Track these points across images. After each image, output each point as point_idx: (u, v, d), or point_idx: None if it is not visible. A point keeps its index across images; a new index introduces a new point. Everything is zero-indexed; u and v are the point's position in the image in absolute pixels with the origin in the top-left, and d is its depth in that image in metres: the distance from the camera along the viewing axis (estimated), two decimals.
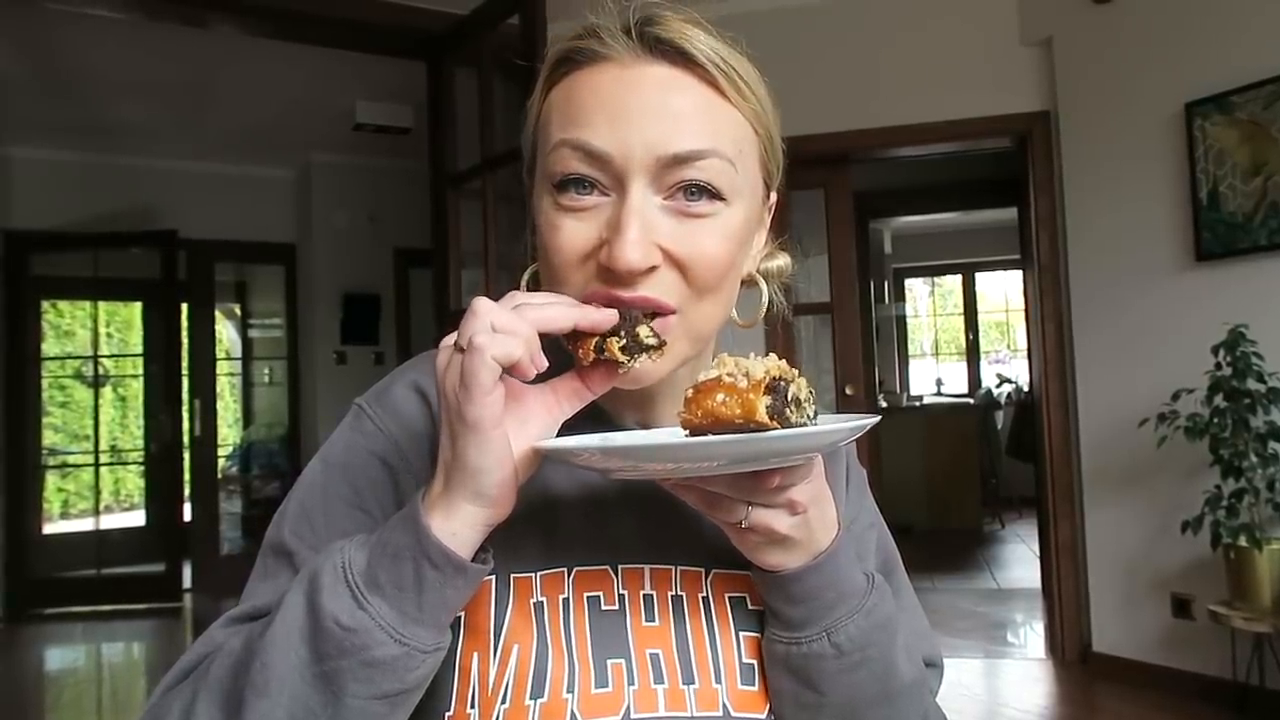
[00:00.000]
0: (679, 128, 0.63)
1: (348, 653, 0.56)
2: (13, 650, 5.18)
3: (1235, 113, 3.30)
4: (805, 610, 0.66)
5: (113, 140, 5.77)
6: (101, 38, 4.36)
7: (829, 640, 0.66)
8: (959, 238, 9.04)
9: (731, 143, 0.65)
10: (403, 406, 0.72)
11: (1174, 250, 3.51)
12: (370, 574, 0.57)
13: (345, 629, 0.56)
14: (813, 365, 4.85)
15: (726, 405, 0.55)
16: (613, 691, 0.66)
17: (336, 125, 5.55)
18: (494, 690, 0.65)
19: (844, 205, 4.42)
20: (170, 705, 0.62)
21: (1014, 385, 8.00)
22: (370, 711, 0.58)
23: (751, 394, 0.54)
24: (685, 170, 0.63)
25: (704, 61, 0.65)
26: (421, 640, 0.58)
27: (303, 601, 0.58)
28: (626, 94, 0.64)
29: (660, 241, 0.63)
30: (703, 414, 0.55)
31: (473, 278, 3.74)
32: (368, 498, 0.70)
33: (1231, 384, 3.07)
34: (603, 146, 0.62)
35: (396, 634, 0.57)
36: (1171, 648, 3.53)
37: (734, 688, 0.69)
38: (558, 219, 0.64)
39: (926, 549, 6.33)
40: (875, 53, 4.13)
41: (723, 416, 0.55)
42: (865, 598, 0.67)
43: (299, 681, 0.57)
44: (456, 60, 3.77)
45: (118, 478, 7.54)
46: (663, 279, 0.64)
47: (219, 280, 6.72)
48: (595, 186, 0.64)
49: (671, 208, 0.64)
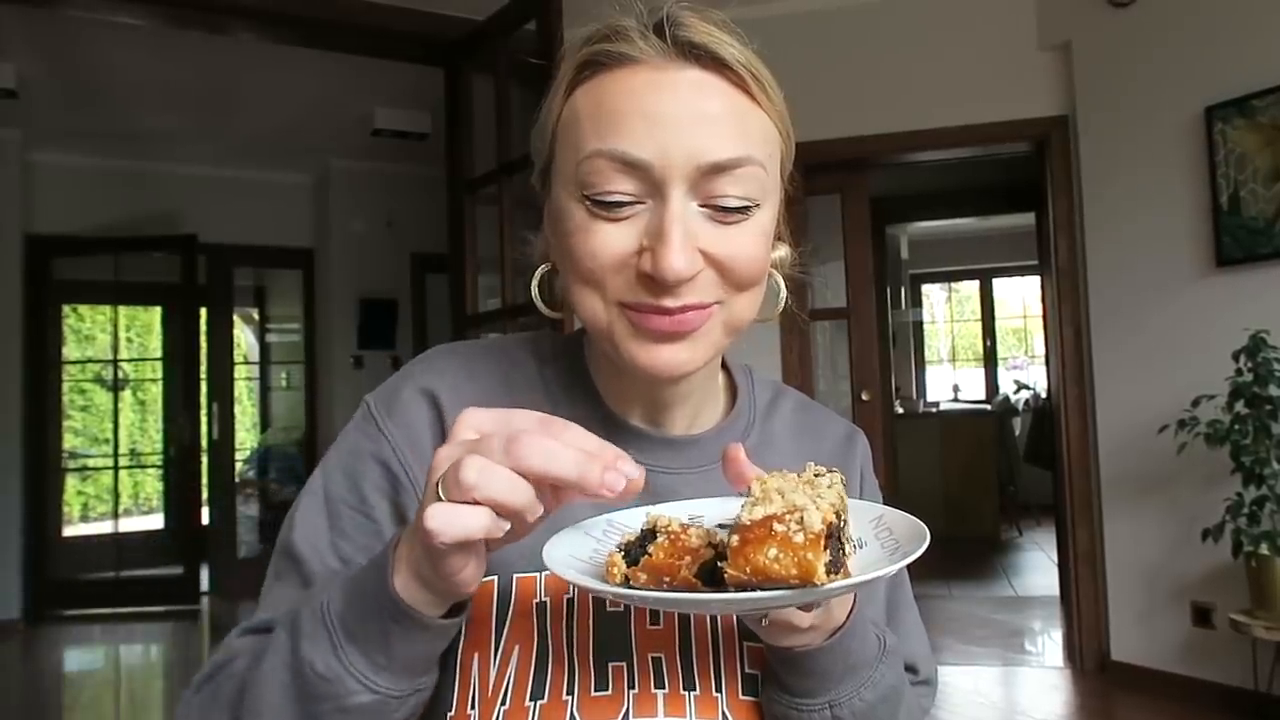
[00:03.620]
0: (715, 134, 0.63)
1: (325, 699, 0.57)
2: (32, 651, 5.22)
3: (1256, 116, 3.27)
4: (812, 683, 0.64)
5: (134, 146, 5.82)
6: (124, 45, 4.40)
7: (830, 713, 0.64)
8: (976, 243, 8.99)
9: (762, 145, 0.66)
10: (410, 411, 0.72)
11: (1194, 256, 3.48)
12: (346, 620, 0.57)
13: (321, 677, 0.56)
14: (829, 371, 4.85)
15: (780, 564, 0.48)
16: (612, 695, 0.66)
17: (355, 131, 5.58)
18: (494, 691, 0.65)
19: (861, 210, 4.41)
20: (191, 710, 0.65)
21: (1032, 392, 7.96)
22: None
23: (809, 552, 0.48)
24: (723, 180, 0.63)
25: (735, 65, 0.65)
26: (395, 687, 0.57)
27: (286, 643, 0.59)
28: (662, 98, 0.63)
29: (700, 246, 0.63)
30: (752, 570, 0.48)
31: (489, 282, 3.75)
32: (371, 502, 0.71)
33: (1253, 390, 3.04)
34: (643, 156, 0.62)
35: (370, 682, 0.56)
36: (1191, 657, 3.49)
37: (734, 697, 0.68)
38: (593, 225, 0.64)
39: (943, 556, 6.29)
40: (893, 57, 4.12)
41: (775, 575, 0.48)
42: (874, 669, 0.66)
43: (288, 717, 0.58)
44: (474, 66, 3.79)
45: (137, 481, 7.59)
46: (703, 280, 0.64)
47: (238, 285, 6.78)
48: (632, 198, 0.63)
49: (708, 214, 0.64)
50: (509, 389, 0.74)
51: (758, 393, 0.82)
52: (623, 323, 0.65)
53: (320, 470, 0.74)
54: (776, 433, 0.80)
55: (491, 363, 0.76)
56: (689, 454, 0.74)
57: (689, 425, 0.76)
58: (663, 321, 0.64)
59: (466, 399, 0.70)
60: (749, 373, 0.83)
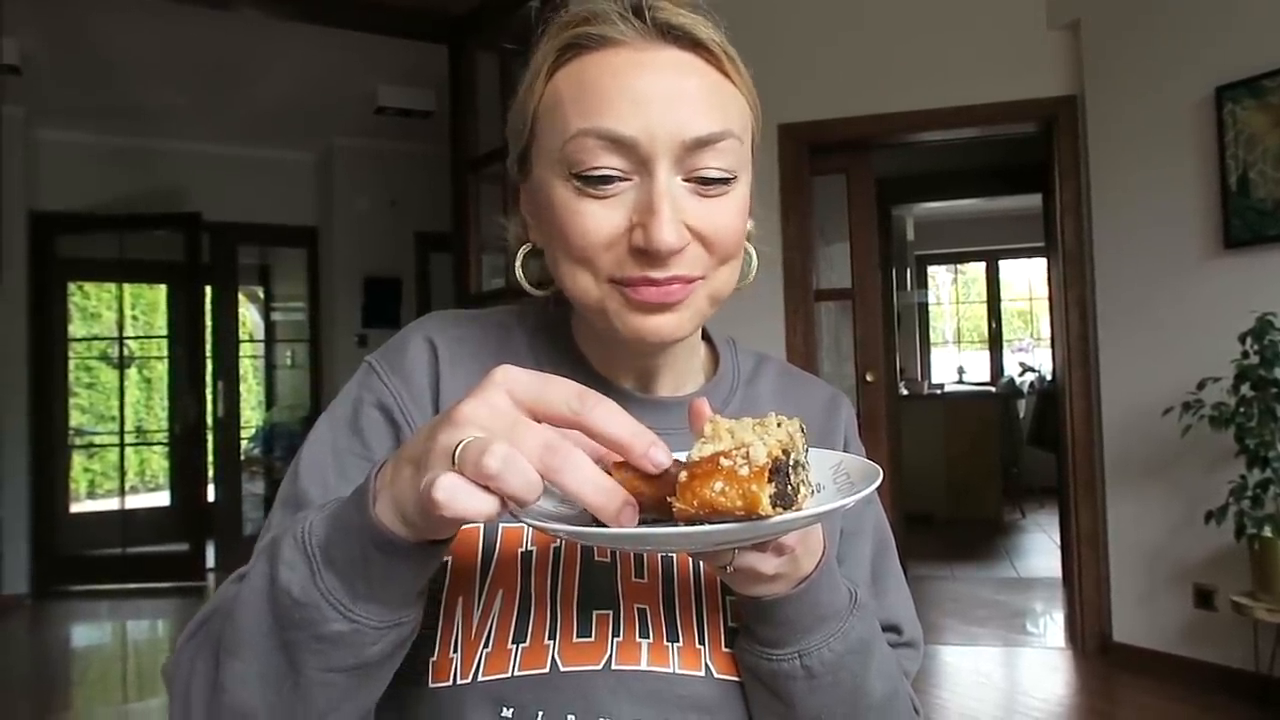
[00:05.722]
0: (697, 110, 0.66)
1: (300, 626, 0.55)
2: (39, 626, 5.27)
3: (1267, 97, 3.24)
4: (780, 632, 0.65)
5: (138, 123, 5.81)
6: (127, 21, 4.39)
7: (800, 662, 0.65)
8: (982, 225, 8.95)
9: (739, 120, 0.69)
10: (410, 358, 0.75)
11: (1202, 237, 3.46)
12: (327, 547, 0.56)
13: (296, 603, 0.55)
14: (834, 352, 4.84)
15: (726, 496, 0.49)
16: (595, 641, 0.67)
17: (359, 109, 5.56)
18: (477, 634, 0.67)
19: (866, 191, 4.39)
20: (182, 657, 0.64)
21: (1037, 374, 7.94)
22: (331, 683, 0.57)
23: (754, 484, 0.49)
24: (705, 154, 0.66)
25: (711, 45, 0.68)
26: (372, 617, 0.56)
27: (265, 569, 0.58)
28: (645, 77, 0.66)
29: (687, 220, 0.66)
30: (699, 504, 0.49)
31: (493, 261, 3.75)
32: (375, 450, 0.72)
33: (1259, 373, 3.03)
34: (629, 133, 0.64)
35: (346, 610, 0.55)
36: (1193, 638, 3.50)
37: (718, 650, 0.69)
38: (581, 204, 0.66)
39: (946, 538, 6.31)
40: (900, 36, 4.09)
41: (721, 508, 0.49)
42: (844, 621, 0.67)
43: (265, 646, 0.57)
44: (478, 43, 3.77)
45: (143, 458, 7.64)
46: (690, 254, 0.67)
47: (242, 263, 6.79)
48: (620, 174, 0.66)
49: (692, 189, 0.67)
50: (500, 351, 0.76)
51: (740, 360, 0.85)
52: (615, 297, 0.68)
53: (324, 422, 0.76)
54: (760, 396, 0.83)
55: (487, 327, 0.79)
56: (676, 414, 0.75)
57: (674, 391, 0.79)
58: (651, 293, 0.66)
59: (462, 354, 0.75)
60: (732, 342, 0.86)
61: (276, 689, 0.57)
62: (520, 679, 0.65)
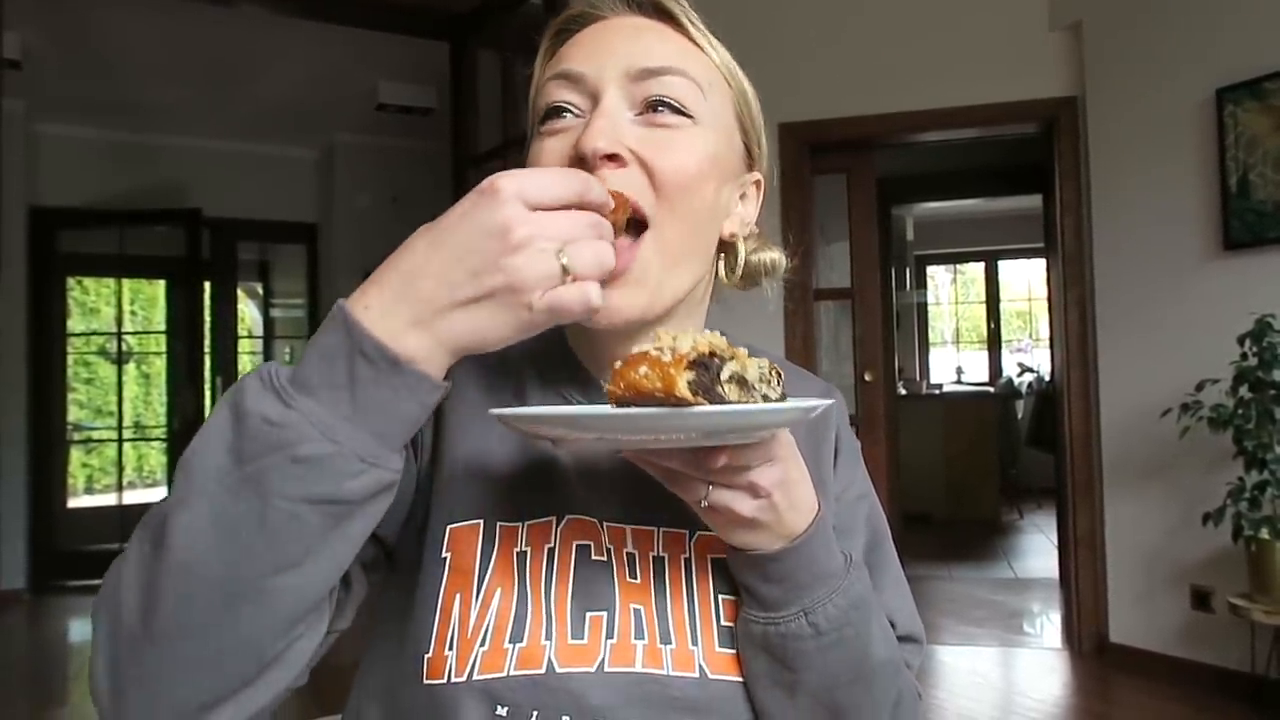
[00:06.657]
0: (650, 47, 0.69)
1: (274, 448, 0.51)
2: (36, 621, 5.26)
3: (1268, 99, 3.24)
4: (781, 590, 0.66)
5: (139, 118, 5.80)
6: (129, 16, 4.38)
7: (806, 620, 0.66)
8: (982, 225, 8.96)
9: (700, 71, 0.71)
10: None
11: (1201, 239, 3.46)
12: (299, 377, 0.53)
13: (272, 424, 0.52)
14: (833, 351, 4.84)
15: (648, 379, 0.52)
16: (588, 643, 0.67)
17: (360, 106, 5.56)
18: (474, 633, 0.66)
19: (866, 191, 4.39)
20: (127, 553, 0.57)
21: (1035, 375, 7.94)
22: (302, 519, 0.52)
23: (673, 369, 0.51)
24: (653, 83, 0.68)
25: (680, 16, 0.72)
26: (356, 443, 0.52)
27: (226, 411, 0.54)
28: (606, 34, 0.71)
29: (628, 143, 0.67)
30: (625, 385, 0.53)
31: None
32: None
33: (1257, 375, 3.03)
34: (579, 68, 0.69)
35: (327, 430, 0.52)
36: (1190, 640, 3.50)
37: (711, 650, 0.69)
38: (537, 144, 0.70)
39: (944, 538, 6.32)
40: (901, 36, 4.09)
41: (643, 390, 0.52)
42: (843, 578, 0.67)
43: (220, 490, 0.52)
44: (479, 41, 3.77)
45: (141, 454, 7.62)
46: (631, 176, 0.67)
47: (242, 259, 6.77)
48: (573, 109, 0.69)
49: (642, 120, 0.68)
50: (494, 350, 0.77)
51: None
52: None
53: None
54: None
55: None
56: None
57: None
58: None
59: None
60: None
61: (233, 533, 0.52)
62: (516, 679, 0.65)
